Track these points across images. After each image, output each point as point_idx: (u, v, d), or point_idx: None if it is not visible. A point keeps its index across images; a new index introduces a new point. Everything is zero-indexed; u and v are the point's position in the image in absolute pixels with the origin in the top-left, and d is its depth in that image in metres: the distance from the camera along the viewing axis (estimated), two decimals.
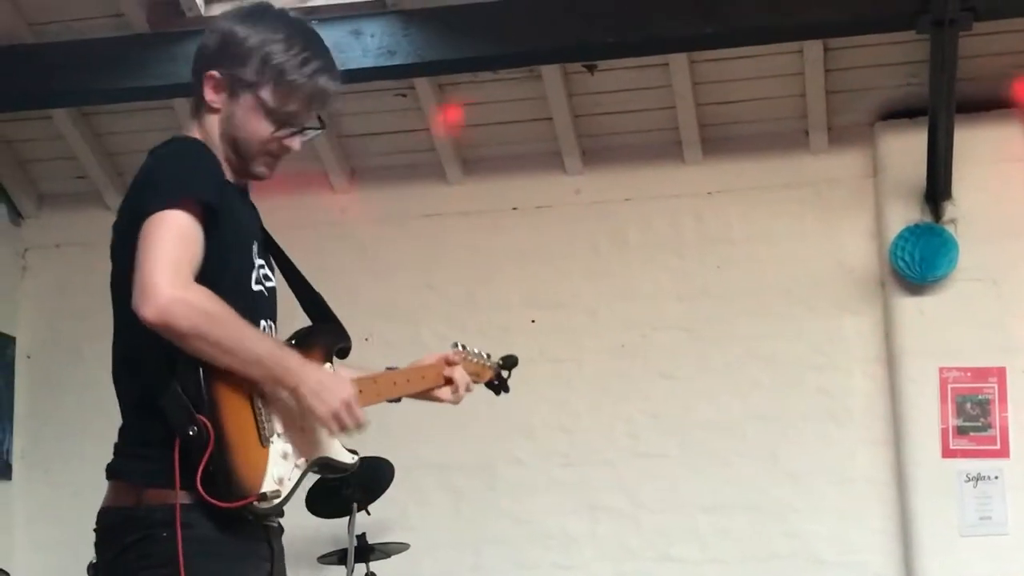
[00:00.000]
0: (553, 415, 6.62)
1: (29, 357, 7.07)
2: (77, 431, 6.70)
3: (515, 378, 6.54)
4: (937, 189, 6.20)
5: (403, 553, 6.10)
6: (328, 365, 3.12)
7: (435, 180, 6.87)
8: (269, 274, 3.13)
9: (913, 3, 5.39)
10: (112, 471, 2.93)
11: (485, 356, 3.81)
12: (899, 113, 6.44)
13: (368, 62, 5.93)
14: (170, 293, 2.71)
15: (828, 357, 6.45)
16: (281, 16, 3.13)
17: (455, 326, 6.72)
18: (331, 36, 5.88)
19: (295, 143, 3.09)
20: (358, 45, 5.94)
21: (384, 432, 5.11)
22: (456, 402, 3.62)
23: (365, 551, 5.93)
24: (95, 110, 6.72)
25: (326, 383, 2.90)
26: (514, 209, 6.82)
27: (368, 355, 6.82)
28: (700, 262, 6.62)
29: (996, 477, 6.14)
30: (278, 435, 2.89)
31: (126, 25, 6.11)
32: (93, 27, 6.18)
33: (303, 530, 5.91)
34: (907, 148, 6.27)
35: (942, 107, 5.75)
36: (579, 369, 6.65)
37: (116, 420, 3.01)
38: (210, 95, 3.04)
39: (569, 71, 6.43)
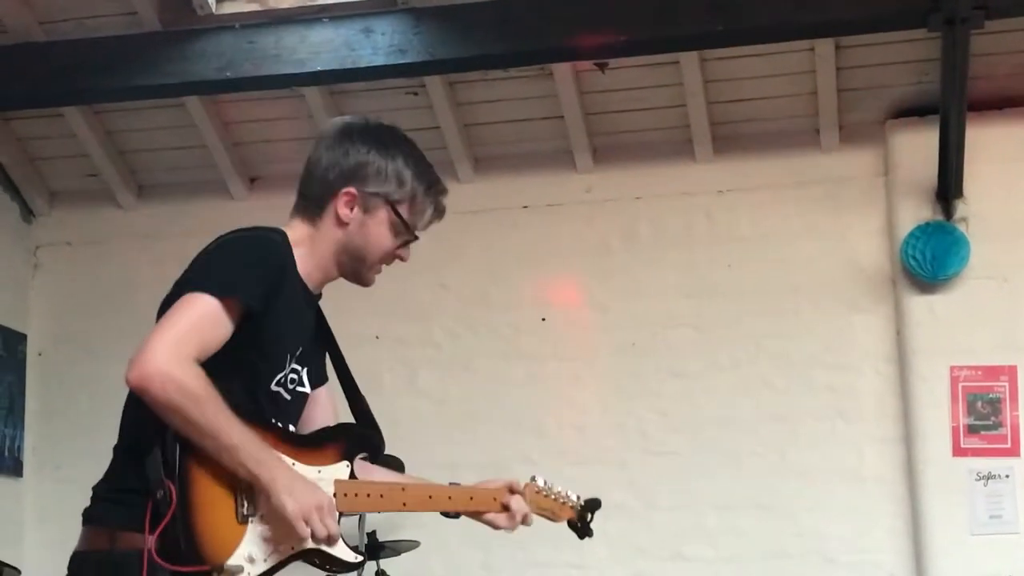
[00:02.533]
0: (564, 413, 6.62)
1: (40, 354, 7.09)
2: (88, 428, 6.70)
3: (525, 375, 6.63)
4: (948, 187, 6.19)
5: (413, 551, 6.11)
6: (345, 464, 3.11)
7: (446, 178, 6.71)
8: (303, 379, 3.15)
9: (925, 1, 5.38)
10: (87, 516, 3.00)
11: (570, 496, 3.78)
12: (910, 111, 6.42)
13: (379, 60, 5.93)
14: (159, 364, 2.77)
15: (839, 355, 6.44)
16: (405, 138, 3.33)
17: (466, 324, 6.73)
18: (342, 34, 5.98)
19: (406, 254, 3.30)
20: (368, 43, 5.95)
21: (395, 430, 5.10)
22: (511, 529, 3.57)
23: (375, 549, 5.94)
24: (107, 108, 6.73)
25: (299, 486, 2.90)
26: (525, 207, 6.82)
27: (379, 353, 6.88)
28: (710, 260, 6.62)
29: (1007, 476, 6.13)
30: (260, 516, 2.89)
31: (138, 23, 6.12)
32: (105, 25, 6.19)
33: None
34: (918, 146, 6.26)
35: (953, 105, 5.74)
36: (590, 367, 6.64)
37: None
38: (344, 211, 3.14)
39: (580, 69, 6.43)
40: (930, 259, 6.19)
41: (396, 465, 5.94)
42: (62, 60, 6.15)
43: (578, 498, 3.80)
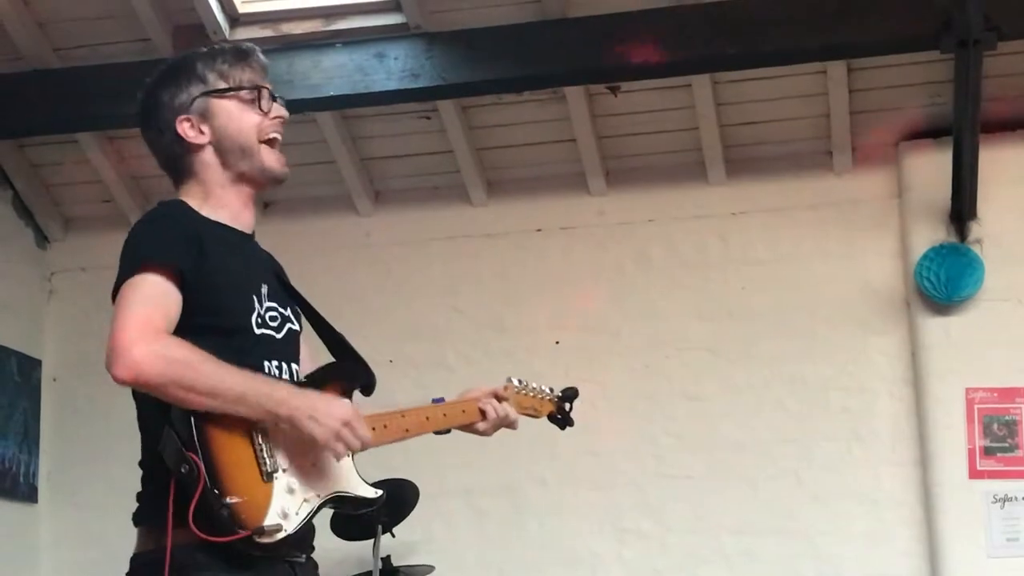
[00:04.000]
0: (578, 437, 6.56)
1: (55, 380, 7.09)
2: (103, 454, 6.71)
3: None
4: (962, 209, 6.18)
5: (428, 575, 6.10)
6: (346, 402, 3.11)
7: (459, 202, 6.88)
8: (289, 316, 3.16)
9: (937, 23, 5.38)
10: (135, 518, 2.99)
11: (545, 390, 3.80)
12: (923, 133, 6.42)
13: (392, 85, 5.96)
14: (137, 349, 2.79)
15: (853, 378, 6.43)
16: (183, 55, 3.30)
17: (480, 348, 6.73)
18: (355, 59, 6.01)
19: (281, 110, 3.23)
20: (382, 68, 5.97)
21: (408, 454, 5.11)
22: (486, 434, 3.60)
23: (390, 573, 5.93)
24: (121, 134, 6.75)
25: (320, 407, 2.92)
26: (538, 230, 6.82)
27: (393, 377, 6.87)
28: (724, 283, 6.61)
29: (1023, 498, 6.11)
30: (283, 470, 2.90)
31: (152, 49, 6.15)
32: (119, 52, 6.22)
33: (328, 553, 5.88)
34: (932, 168, 6.26)
35: (967, 127, 5.74)
36: (603, 390, 6.63)
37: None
38: (191, 133, 3.14)
39: (593, 92, 6.44)
40: (944, 281, 6.18)
41: (412, 491, 5.95)
42: (76, 87, 6.18)
43: (552, 390, 3.83)
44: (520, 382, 3.69)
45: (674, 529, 6.47)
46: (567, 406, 3.92)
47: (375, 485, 3.14)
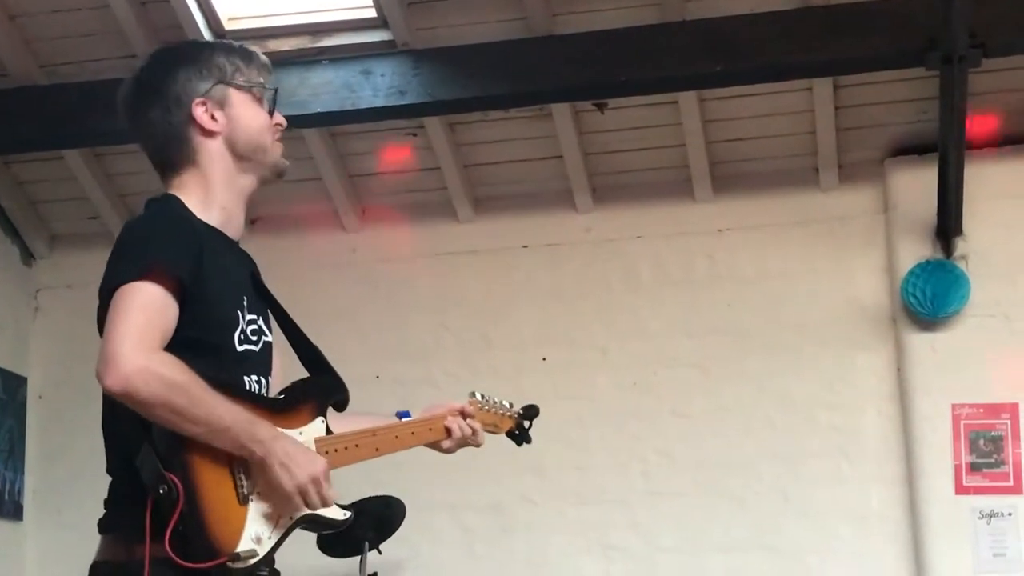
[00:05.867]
0: (565, 454, 6.60)
1: (41, 397, 7.07)
2: (89, 471, 6.63)
3: None
4: (948, 225, 6.20)
5: None
6: (320, 420, 3.10)
7: (446, 218, 6.88)
8: (263, 328, 3.13)
9: (922, 40, 5.41)
10: (104, 525, 2.97)
11: (506, 405, 3.80)
12: (909, 149, 6.43)
13: (378, 102, 5.96)
14: (133, 362, 2.73)
15: (840, 394, 6.43)
16: (183, 43, 3.34)
17: (466, 364, 6.72)
18: (341, 76, 6.01)
19: (281, 119, 3.21)
20: (368, 85, 5.97)
21: (396, 471, 5.11)
22: (449, 451, 3.62)
23: None
24: (107, 151, 6.75)
25: (296, 457, 2.89)
26: (525, 247, 6.82)
27: (378, 394, 6.86)
28: (711, 299, 6.62)
29: (1010, 514, 6.11)
30: (258, 493, 2.88)
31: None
32: (105, 68, 6.21)
33: (315, 570, 5.90)
34: (918, 184, 6.27)
35: (952, 143, 5.75)
36: (591, 407, 6.63)
37: None
38: (206, 118, 3.08)
39: (579, 109, 6.45)
40: (930, 297, 6.19)
41: (398, 508, 5.94)
42: (62, 103, 6.18)
43: (511, 406, 3.84)
44: (483, 397, 3.68)
45: (662, 547, 6.46)
46: (527, 423, 3.91)
47: (360, 502, 3.13)
